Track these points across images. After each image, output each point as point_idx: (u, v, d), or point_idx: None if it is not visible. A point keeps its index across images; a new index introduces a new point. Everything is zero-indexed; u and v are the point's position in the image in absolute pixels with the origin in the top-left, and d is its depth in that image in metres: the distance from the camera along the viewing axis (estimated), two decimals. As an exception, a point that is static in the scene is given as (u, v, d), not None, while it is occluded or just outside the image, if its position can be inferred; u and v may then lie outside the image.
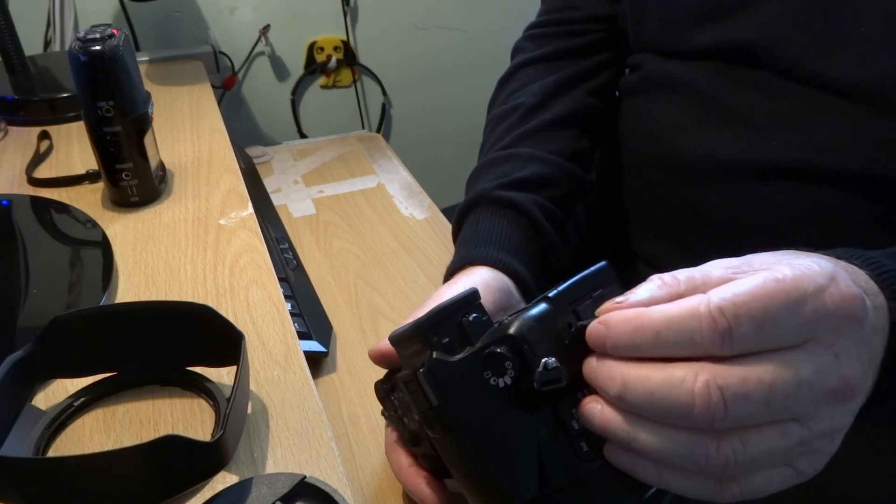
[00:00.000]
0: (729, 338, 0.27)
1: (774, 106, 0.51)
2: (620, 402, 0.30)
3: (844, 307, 0.28)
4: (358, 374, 0.59)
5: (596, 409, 0.31)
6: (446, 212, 0.85)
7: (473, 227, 0.55)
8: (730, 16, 0.53)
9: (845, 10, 0.47)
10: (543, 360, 0.30)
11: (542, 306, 0.32)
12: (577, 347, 0.31)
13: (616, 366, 0.30)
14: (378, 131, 1.42)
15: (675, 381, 0.28)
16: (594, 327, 0.31)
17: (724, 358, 0.28)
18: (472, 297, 0.34)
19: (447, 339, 0.32)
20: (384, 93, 1.38)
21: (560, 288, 0.33)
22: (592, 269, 0.34)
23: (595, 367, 0.31)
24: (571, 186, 0.60)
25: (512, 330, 0.31)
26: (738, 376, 0.27)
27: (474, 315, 0.33)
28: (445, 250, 0.77)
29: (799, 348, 0.28)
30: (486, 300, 0.46)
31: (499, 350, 0.31)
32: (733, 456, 0.28)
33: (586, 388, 0.32)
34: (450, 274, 0.52)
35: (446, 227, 0.81)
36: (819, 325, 0.28)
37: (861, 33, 0.46)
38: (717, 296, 0.28)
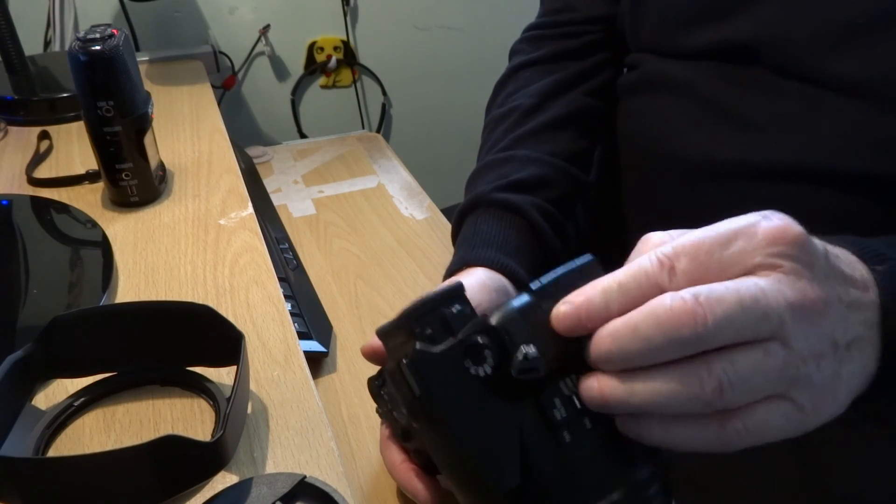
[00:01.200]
0: (673, 271, 0.31)
1: (773, 106, 0.51)
2: (613, 358, 0.31)
3: (777, 233, 0.31)
4: (358, 374, 0.59)
5: (593, 384, 0.31)
6: (446, 212, 0.85)
7: (471, 229, 0.55)
8: (728, 15, 0.53)
9: (845, 7, 0.47)
10: (523, 350, 0.31)
11: (525, 298, 0.33)
12: (559, 337, 0.32)
13: (603, 329, 0.31)
14: (378, 131, 1.42)
15: (654, 306, 0.30)
16: (558, 310, 0.32)
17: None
18: (456, 290, 0.34)
19: (430, 331, 0.33)
20: (384, 93, 1.38)
21: (543, 281, 0.33)
22: (577, 262, 0.34)
23: (590, 341, 0.32)
24: (570, 187, 0.60)
25: (493, 320, 0.32)
26: (707, 287, 0.30)
27: (458, 307, 0.34)
28: (445, 250, 0.77)
29: (749, 274, 0.31)
30: (483, 300, 0.46)
31: (479, 340, 0.32)
32: (725, 375, 0.29)
33: (568, 378, 0.32)
34: (448, 275, 0.52)
35: (446, 227, 0.81)
36: (755, 252, 0.31)
37: (861, 25, 0.46)
38: (663, 247, 0.32)
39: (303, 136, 1.37)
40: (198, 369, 0.45)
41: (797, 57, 0.49)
